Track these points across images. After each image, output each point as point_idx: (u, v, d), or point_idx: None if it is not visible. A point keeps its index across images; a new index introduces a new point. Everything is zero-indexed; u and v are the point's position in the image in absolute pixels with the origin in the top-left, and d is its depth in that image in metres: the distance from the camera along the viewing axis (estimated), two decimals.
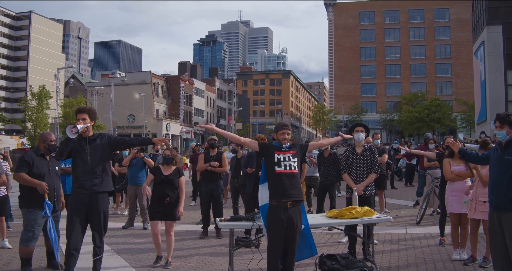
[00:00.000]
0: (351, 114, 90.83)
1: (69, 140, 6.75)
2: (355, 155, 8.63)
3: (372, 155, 8.59)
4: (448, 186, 8.69)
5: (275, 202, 6.21)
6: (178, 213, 8.29)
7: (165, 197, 8.20)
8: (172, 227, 8.33)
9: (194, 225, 12.51)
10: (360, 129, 8.63)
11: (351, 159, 8.65)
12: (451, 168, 8.50)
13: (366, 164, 8.53)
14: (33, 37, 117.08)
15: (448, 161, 8.62)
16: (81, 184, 6.86)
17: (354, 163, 8.60)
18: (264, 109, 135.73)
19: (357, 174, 8.54)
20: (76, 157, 6.97)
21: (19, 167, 7.63)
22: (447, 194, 8.67)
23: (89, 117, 7.08)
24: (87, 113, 7.09)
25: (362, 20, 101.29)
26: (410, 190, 20.79)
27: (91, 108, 7.45)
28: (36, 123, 57.96)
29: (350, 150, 8.80)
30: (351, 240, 8.69)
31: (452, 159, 8.57)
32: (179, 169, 8.57)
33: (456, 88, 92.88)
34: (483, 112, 42.75)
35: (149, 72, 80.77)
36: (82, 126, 6.84)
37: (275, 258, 6.16)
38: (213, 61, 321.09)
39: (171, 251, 8.35)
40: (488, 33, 41.04)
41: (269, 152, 6.41)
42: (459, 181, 8.44)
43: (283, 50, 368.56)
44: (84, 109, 7.21)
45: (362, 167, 8.52)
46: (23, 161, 7.67)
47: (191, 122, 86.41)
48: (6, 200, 10.44)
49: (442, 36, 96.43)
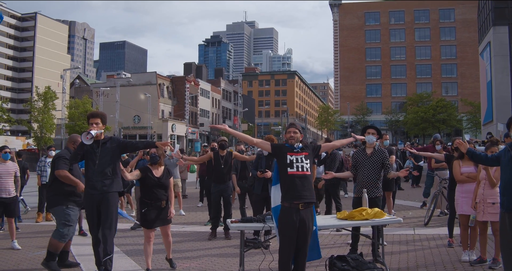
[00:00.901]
0: (357, 114, 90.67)
1: (84, 144, 6.98)
2: (364, 156, 8.57)
3: (383, 157, 8.52)
4: (458, 188, 8.66)
5: (287, 204, 6.19)
6: (169, 215, 8.10)
7: (160, 201, 7.96)
8: (169, 228, 8.22)
9: (202, 226, 12.53)
10: (371, 131, 8.61)
11: (360, 160, 8.61)
12: (461, 170, 8.48)
13: (375, 165, 8.47)
14: (39, 38, 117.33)
15: (458, 162, 8.60)
16: (92, 185, 7.11)
17: (362, 164, 8.54)
18: (269, 110, 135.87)
19: (365, 175, 8.48)
20: (88, 160, 7.20)
21: (62, 164, 8.10)
22: (456, 196, 8.64)
23: (102, 121, 7.36)
24: (100, 118, 7.36)
25: (367, 21, 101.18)
26: (417, 191, 20.77)
27: (103, 112, 7.71)
28: (42, 124, 57.94)
29: (360, 151, 8.77)
30: (354, 239, 8.71)
31: (462, 160, 8.55)
32: (168, 169, 8.34)
33: (462, 89, 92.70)
34: (489, 113, 42.67)
35: (155, 73, 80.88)
36: (96, 132, 7.08)
37: (287, 259, 6.14)
38: (218, 62, 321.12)
39: (170, 250, 8.30)
40: (494, 34, 40.96)
41: (282, 153, 6.38)
42: (469, 182, 8.41)
43: (288, 51, 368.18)
44: (97, 113, 7.46)
45: (371, 168, 8.47)
46: (64, 159, 8.13)
47: (196, 123, 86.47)
48: (16, 201, 10.47)
49: (447, 36, 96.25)
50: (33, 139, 60.92)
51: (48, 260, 7.90)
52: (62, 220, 8.04)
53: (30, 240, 11.06)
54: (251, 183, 10.67)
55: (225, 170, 11.13)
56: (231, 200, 11.38)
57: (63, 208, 8.08)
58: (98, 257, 7.13)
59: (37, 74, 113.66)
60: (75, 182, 8.08)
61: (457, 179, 8.59)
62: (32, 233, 12.02)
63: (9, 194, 10.23)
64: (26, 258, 9.14)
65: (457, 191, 8.66)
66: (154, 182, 7.90)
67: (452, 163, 8.80)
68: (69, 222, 8.04)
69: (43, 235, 11.57)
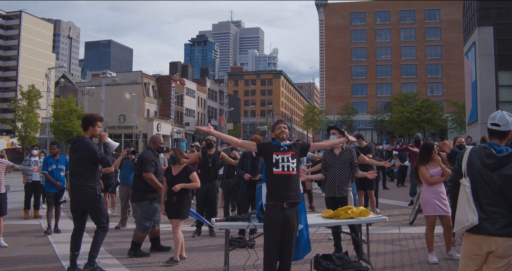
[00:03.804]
0: (342, 114, 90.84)
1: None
2: (333, 156, 8.63)
3: (351, 156, 8.59)
4: (429, 189, 8.45)
5: (272, 202, 6.17)
6: (180, 210, 8.56)
7: (172, 196, 8.52)
8: (177, 225, 8.47)
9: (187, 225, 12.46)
10: (333, 131, 8.68)
11: (329, 160, 8.66)
12: (429, 172, 8.45)
13: (344, 165, 8.53)
14: (24, 37, 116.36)
15: (424, 167, 8.51)
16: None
17: (331, 164, 8.59)
18: (255, 109, 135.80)
19: (335, 175, 8.52)
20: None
21: (149, 167, 8.99)
22: (428, 197, 8.46)
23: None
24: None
25: (353, 21, 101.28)
26: (402, 190, 20.85)
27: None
28: (27, 123, 57.75)
29: (328, 152, 8.82)
30: (336, 238, 8.70)
31: (427, 163, 8.54)
32: (187, 167, 8.82)
33: (447, 89, 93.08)
34: (474, 113, 42.86)
35: (140, 72, 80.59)
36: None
37: (272, 258, 6.12)
38: (204, 61, 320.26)
39: (179, 247, 8.44)
40: (479, 34, 41.12)
41: (268, 153, 6.34)
42: (438, 184, 8.43)
43: (274, 51, 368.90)
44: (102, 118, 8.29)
45: (340, 168, 8.52)
46: (152, 162, 9.07)
47: (182, 122, 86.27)
48: (4, 199, 10.43)
49: (432, 37, 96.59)
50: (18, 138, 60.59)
51: (134, 250, 8.94)
52: (144, 214, 8.96)
53: (15, 239, 10.96)
54: (237, 182, 10.64)
55: (212, 169, 11.14)
56: (217, 199, 11.35)
57: (147, 203, 8.99)
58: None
59: (22, 73, 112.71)
60: (159, 186, 8.95)
61: (429, 183, 8.40)
62: (17, 233, 11.87)
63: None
64: (9, 258, 9.04)
65: (429, 191, 8.44)
66: (169, 179, 8.67)
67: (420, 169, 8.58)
68: (150, 216, 8.95)
69: (27, 235, 11.48)
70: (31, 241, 10.73)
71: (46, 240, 10.91)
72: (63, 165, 12.17)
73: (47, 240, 10.86)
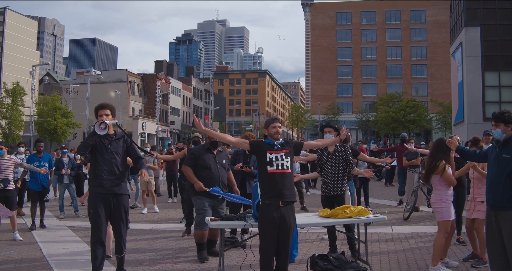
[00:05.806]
0: (327, 114, 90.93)
1: (95, 134, 6.74)
2: (327, 154, 8.56)
3: (345, 153, 8.52)
4: (447, 192, 7.63)
5: (267, 201, 6.06)
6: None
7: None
8: None
9: (177, 224, 12.36)
10: (328, 130, 8.65)
11: (323, 159, 8.60)
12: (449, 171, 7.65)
13: (339, 162, 8.45)
14: (7, 34, 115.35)
15: (448, 169, 7.57)
16: (100, 183, 6.82)
17: (326, 162, 8.53)
18: (240, 108, 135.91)
19: (330, 173, 8.44)
20: (97, 154, 6.92)
21: (187, 160, 8.73)
22: (445, 200, 7.60)
23: (111, 113, 7.06)
24: (110, 109, 7.08)
25: (339, 21, 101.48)
26: (391, 190, 20.87)
27: (112, 104, 7.36)
28: (10, 121, 57.22)
29: (322, 150, 8.73)
30: (331, 237, 8.61)
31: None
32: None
33: (432, 89, 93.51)
34: (460, 113, 42.97)
35: (125, 70, 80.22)
36: (110, 122, 6.87)
37: (268, 258, 6.01)
38: (189, 60, 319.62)
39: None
40: (466, 35, 41.22)
41: (261, 151, 6.23)
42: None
43: (259, 50, 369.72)
44: (107, 105, 7.16)
45: (335, 166, 8.44)
46: (191, 155, 8.77)
47: (167, 121, 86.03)
48: (14, 195, 10.54)
49: (418, 37, 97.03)
50: (1, 136, 59.97)
51: (198, 250, 8.45)
52: (195, 210, 8.67)
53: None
54: None
55: None
56: None
57: (194, 198, 8.61)
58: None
59: (6, 70, 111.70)
60: (193, 180, 8.48)
61: (454, 185, 7.64)
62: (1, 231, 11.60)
63: None
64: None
65: (448, 194, 7.64)
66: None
67: (446, 171, 7.50)
68: (198, 210, 8.45)
69: (11, 232, 11.25)
70: (13, 242, 10.42)
71: (32, 238, 10.67)
72: (45, 163, 11.99)
73: (33, 239, 10.61)
